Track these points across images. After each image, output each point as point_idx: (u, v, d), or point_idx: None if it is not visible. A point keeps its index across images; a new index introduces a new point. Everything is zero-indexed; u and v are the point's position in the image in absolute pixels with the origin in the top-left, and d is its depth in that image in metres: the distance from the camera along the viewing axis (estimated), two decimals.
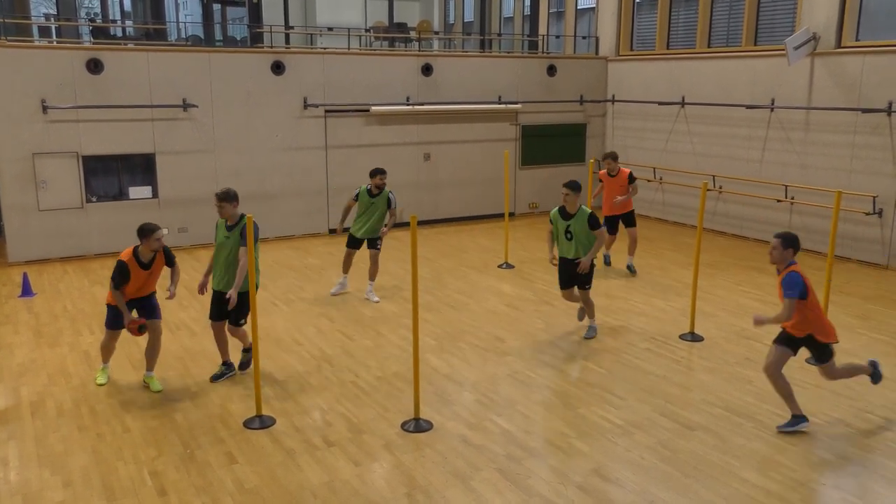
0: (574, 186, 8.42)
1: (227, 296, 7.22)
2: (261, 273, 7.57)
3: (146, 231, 7.05)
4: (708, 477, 5.73)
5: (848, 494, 5.52)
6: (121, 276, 7.07)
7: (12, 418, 6.76)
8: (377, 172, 10.12)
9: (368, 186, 10.15)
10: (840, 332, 8.85)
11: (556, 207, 8.67)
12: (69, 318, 9.55)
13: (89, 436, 6.42)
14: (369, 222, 10.12)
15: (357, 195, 10.20)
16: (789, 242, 6.32)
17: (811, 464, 5.98)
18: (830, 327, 6.45)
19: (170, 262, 7.37)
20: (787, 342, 6.44)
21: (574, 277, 8.65)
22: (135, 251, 7.10)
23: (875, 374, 6.81)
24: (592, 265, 8.61)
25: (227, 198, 7.33)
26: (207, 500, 5.46)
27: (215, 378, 7.57)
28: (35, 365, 8.01)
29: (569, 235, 8.55)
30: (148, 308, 7.34)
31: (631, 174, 11.46)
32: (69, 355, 8.29)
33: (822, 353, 6.46)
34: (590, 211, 8.50)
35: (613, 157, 11.53)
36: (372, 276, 10.33)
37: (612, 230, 11.50)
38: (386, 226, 10.23)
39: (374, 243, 10.22)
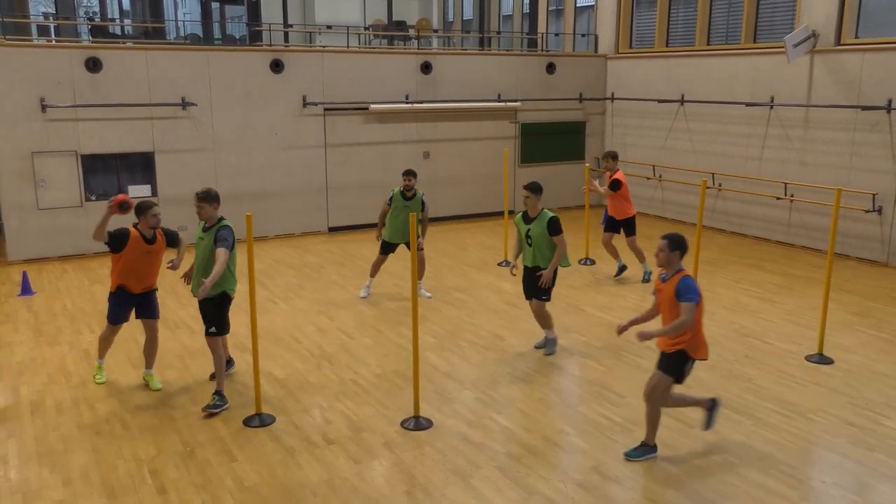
0: (534, 188, 7.89)
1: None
2: (237, 281, 7.11)
3: (142, 208, 7.10)
4: (707, 475, 5.73)
5: (847, 492, 5.52)
6: (118, 240, 6.97)
7: (12, 417, 6.76)
8: (408, 174, 9.79)
9: (401, 188, 9.88)
10: (840, 329, 8.92)
11: (521, 211, 8.16)
12: (69, 317, 9.55)
13: (89, 434, 6.42)
14: (401, 225, 9.76)
15: (391, 199, 9.88)
16: (676, 244, 5.79)
17: (811, 461, 5.99)
18: (704, 345, 5.93)
19: (172, 241, 7.36)
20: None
21: (532, 287, 8.09)
22: (135, 228, 7.11)
23: (709, 418, 6.09)
24: (555, 276, 7.96)
25: (207, 198, 6.95)
26: (207, 497, 5.46)
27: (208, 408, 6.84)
28: (35, 363, 8.01)
29: (529, 241, 7.97)
30: (147, 307, 7.33)
31: (615, 181, 10.85)
32: (69, 354, 8.29)
33: (675, 369, 5.83)
34: (551, 215, 7.87)
35: (613, 156, 11.22)
36: (420, 276, 10.01)
37: (613, 229, 11.27)
38: (420, 235, 9.82)
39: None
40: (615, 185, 10.91)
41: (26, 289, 10.53)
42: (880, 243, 12.07)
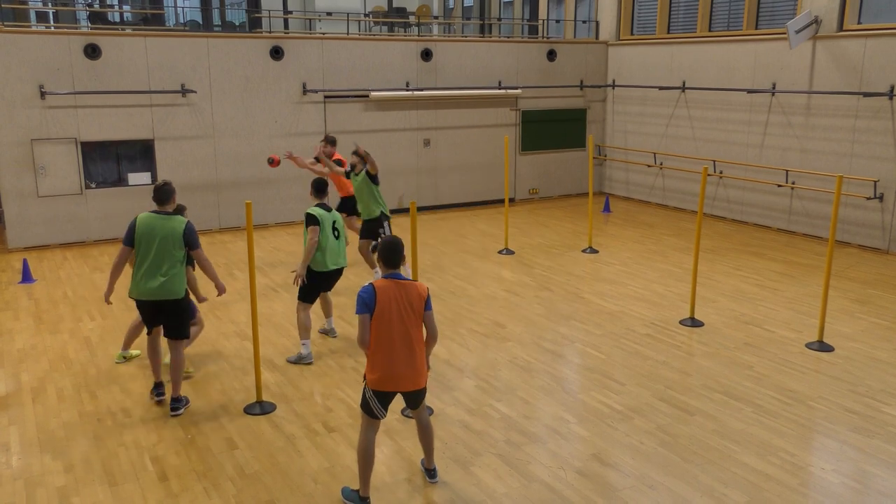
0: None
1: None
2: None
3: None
4: (707, 461, 5.75)
5: (847, 479, 5.53)
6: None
7: (13, 404, 6.78)
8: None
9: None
10: (840, 316, 8.92)
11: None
12: (69, 305, 9.55)
13: (90, 421, 6.44)
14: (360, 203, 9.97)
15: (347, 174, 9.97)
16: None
17: (810, 448, 6.00)
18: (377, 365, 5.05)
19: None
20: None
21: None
22: None
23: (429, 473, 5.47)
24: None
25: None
26: (208, 485, 5.48)
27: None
28: (36, 351, 8.02)
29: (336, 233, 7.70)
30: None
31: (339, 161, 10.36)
32: (70, 341, 8.30)
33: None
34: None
35: (332, 141, 10.56)
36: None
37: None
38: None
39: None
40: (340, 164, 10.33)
41: (27, 276, 10.53)
42: (881, 230, 12.05)
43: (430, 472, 5.50)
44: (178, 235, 6.34)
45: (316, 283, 7.71)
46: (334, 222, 7.69)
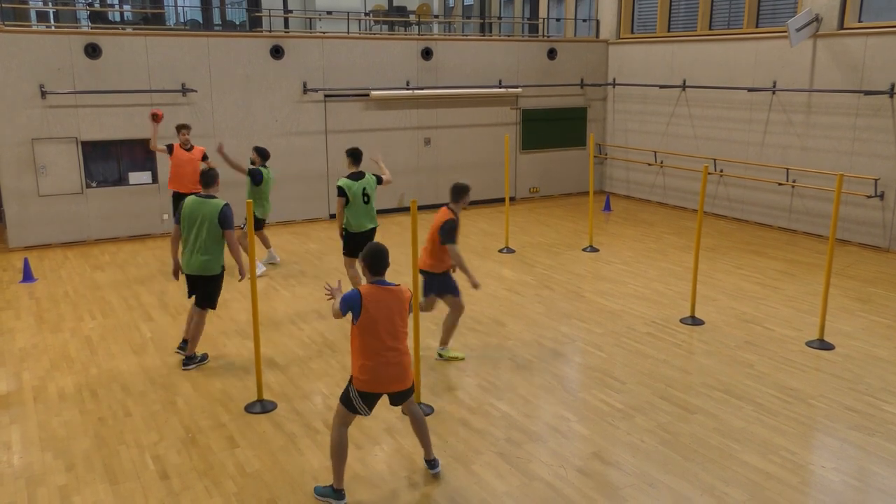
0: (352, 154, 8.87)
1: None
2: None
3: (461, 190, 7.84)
4: (708, 460, 5.75)
5: (847, 477, 5.53)
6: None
7: (14, 402, 6.79)
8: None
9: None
10: (841, 315, 8.92)
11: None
12: (70, 304, 9.56)
13: (91, 420, 6.44)
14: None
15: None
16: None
17: (811, 446, 6.00)
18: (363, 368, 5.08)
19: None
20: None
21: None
22: None
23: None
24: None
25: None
26: (209, 483, 5.48)
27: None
28: (37, 350, 8.03)
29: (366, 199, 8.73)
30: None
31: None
32: (71, 340, 8.31)
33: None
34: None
35: (186, 127, 10.43)
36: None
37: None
38: None
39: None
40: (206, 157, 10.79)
41: (28, 275, 10.54)
42: (882, 229, 12.05)
43: (430, 463, 5.53)
44: (215, 217, 7.12)
45: (353, 242, 8.66)
46: (364, 189, 8.69)
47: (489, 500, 5.25)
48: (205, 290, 7.42)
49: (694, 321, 8.74)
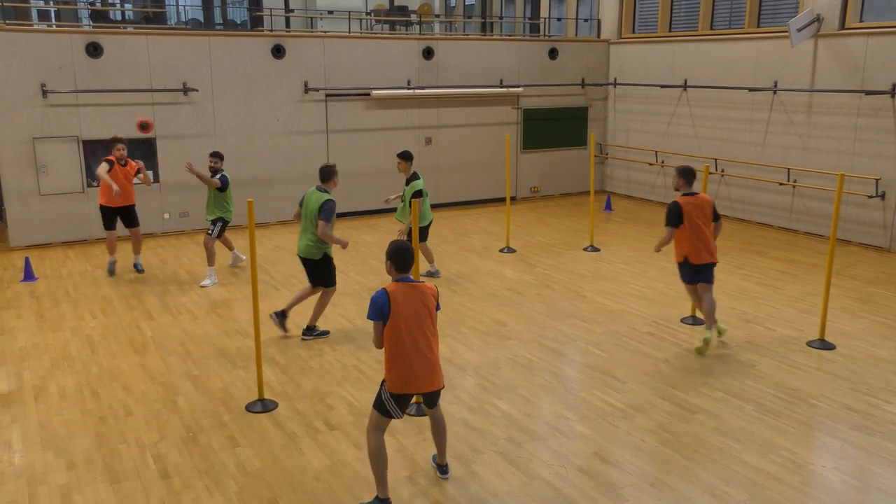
0: (405, 156, 10.12)
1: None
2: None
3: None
4: (708, 460, 5.75)
5: (847, 476, 5.53)
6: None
7: (15, 402, 6.79)
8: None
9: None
10: (841, 315, 8.92)
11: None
12: (71, 303, 9.57)
13: (92, 419, 6.45)
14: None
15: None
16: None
17: (811, 446, 6.00)
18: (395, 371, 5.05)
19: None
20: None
21: None
22: None
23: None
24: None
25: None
26: (210, 482, 5.48)
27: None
28: (38, 349, 8.04)
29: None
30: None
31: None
32: (72, 340, 8.31)
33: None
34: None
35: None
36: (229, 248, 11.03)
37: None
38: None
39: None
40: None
41: (29, 275, 10.55)
42: (883, 229, 12.04)
43: (442, 468, 5.52)
44: (317, 208, 7.85)
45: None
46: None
47: (490, 500, 5.25)
48: (313, 272, 8.19)
49: (695, 321, 8.74)
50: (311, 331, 8.33)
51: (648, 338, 8.30)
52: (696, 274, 7.89)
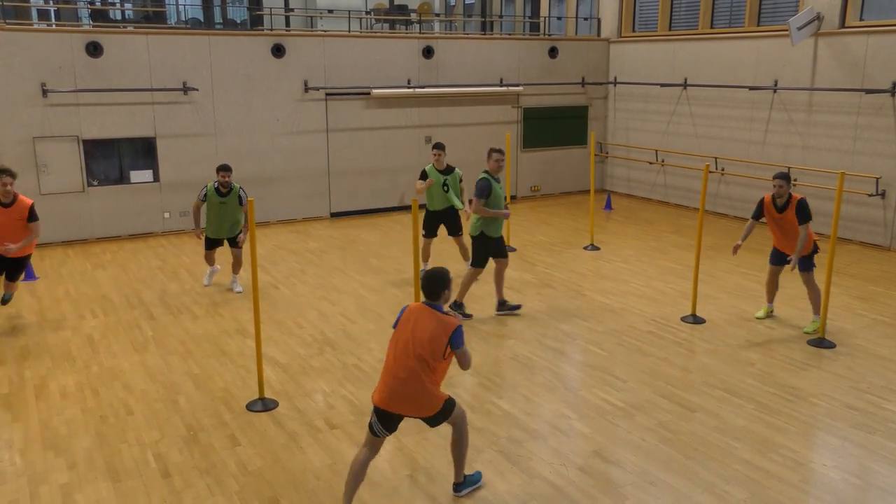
0: (441, 146, 10.53)
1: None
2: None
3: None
4: (708, 458, 5.75)
5: (848, 475, 5.54)
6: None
7: (16, 401, 6.80)
8: (225, 169, 9.48)
9: (216, 184, 9.53)
10: (842, 313, 8.93)
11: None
12: (72, 302, 9.57)
13: (93, 418, 6.45)
14: (218, 220, 9.70)
15: (205, 195, 9.60)
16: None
17: (811, 445, 6.01)
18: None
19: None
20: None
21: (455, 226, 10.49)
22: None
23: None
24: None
25: None
26: (211, 481, 5.49)
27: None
28: (38, 348, 8.04)
29: (445, 188, 10.27)
30: None
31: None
32: (72, 339, 8.32)
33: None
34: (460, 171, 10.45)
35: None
36: (235, 270, 9.96)
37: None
38: None
39: (234, 242, 9.84)
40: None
41: (29, 274, 10.54)
42: (883, 227, 12.04)
43: (455, 487, 5.34)
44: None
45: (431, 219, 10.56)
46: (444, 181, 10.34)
47: (490, 499, 5.25)
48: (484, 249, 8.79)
49: (695, 320, 8.74)
50: (503, 305, 8.99)
51: (648, 336, 8.30)
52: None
